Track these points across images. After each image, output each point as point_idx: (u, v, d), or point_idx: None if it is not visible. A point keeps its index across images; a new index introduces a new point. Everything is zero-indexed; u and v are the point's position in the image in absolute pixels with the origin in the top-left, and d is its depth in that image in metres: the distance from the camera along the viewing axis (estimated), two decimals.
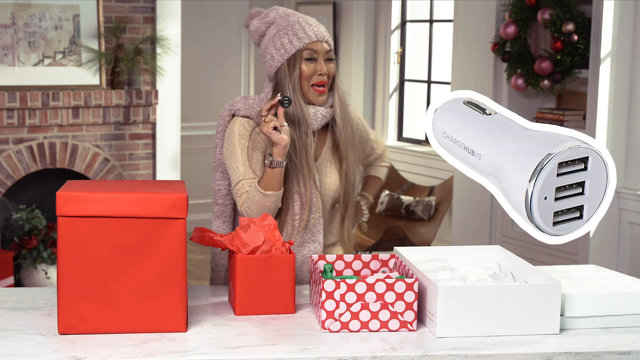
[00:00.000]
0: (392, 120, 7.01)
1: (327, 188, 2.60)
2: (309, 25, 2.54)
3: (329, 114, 2.59)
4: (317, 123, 2.58)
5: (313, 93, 2.56)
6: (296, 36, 2.53)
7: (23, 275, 5.54)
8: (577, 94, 5.15)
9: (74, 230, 2.01)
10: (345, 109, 2.63)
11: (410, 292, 2.07)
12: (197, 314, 2.20)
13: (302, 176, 2.54)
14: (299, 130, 2.53)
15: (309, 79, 2.54)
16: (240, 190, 2.51)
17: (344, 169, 2.62)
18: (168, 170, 5.97)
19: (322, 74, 2.53)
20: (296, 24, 2.54)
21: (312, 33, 2.53)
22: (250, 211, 2.49)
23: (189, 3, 7.02)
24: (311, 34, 2.52)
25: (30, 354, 1.90)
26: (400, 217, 6.05)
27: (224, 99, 7.50)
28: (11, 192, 5.61)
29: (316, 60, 2.54)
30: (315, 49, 2.53)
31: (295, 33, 2.53)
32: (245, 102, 2.58)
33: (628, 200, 4.73)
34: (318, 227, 2.58)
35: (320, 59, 2.54)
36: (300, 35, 2.52)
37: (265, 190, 2.45)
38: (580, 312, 2.12)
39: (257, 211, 2.48)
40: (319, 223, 2.58)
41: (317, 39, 2.53)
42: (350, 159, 2.63)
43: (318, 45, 2.54)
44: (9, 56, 5.42)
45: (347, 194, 2.64)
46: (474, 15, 5.59)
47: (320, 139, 2.63)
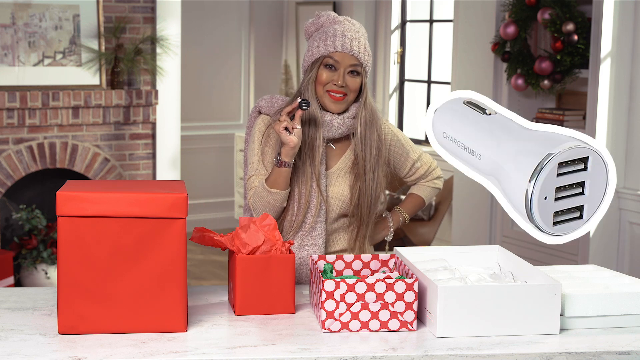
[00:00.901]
0: (392, 121, 7.01)
1: (333, 197, 2.60)
2: (343, 35, 2.54)
3: (348, 126, 2.59)
4: (332, 131, 2.58)
5: (328, 98, 2.56)
6: (325, 42, 2.54)
7: (23, 275, 5.54)
8: (577, 94, 5.15)
9: (74, 230, 2.01)
10: (371, 128, 2.60)
11: (410, 292, 2.07)
12: (197, 314, 2.20)
13: (305, 178, 2.55)
14: (309, 133, 2.55)
15: (324, 85, 2.55)
16: (250, 185, 2.57)
17: (358, 184, 2.60)
18: (168, 170, 5.97)
19: (337, 84, 2.53)
20: (332, 31, 2.55)
21: (340, 44, 2.53)
22: (255, 206, 2.53)
23: (189, 3, 7.02)
24: (338, 44, 2.53)
25: (30, 354, 1.90)
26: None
27: (224, 99, 7.51)
28: (11, 192, 5.61)
29: (337, 70, 2.54)
30: (337, 59, 2.53)
31: (326, 40, 2.54)
32: (270, 101, 2.64)
33: (628, 200, 4.73)
34: (319, 231, 2.58)
35: (341, 70, 2.53)
36: (329, 42, 2.53)
37: (271, 187, 2.49)
38: (580, 312, 2.12)
39: (262, 207, 2.52)
40: (321, 228, 2.58)
41: (342, 50, 2.53)
42: (369, 177, 2.61)
43: (342, 56, 2.53)
44: (9, 56, 5.42)
45: (362, 211, 2.62)
46: (474, 15, 5.59)
47: (340, 148, 2.64)
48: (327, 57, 2.54)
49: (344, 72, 2.54)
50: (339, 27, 2.56)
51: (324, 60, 2.55)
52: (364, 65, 2.57)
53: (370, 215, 2.64)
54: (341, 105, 2.56)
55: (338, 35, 2.54)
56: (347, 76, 2.54)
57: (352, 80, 2.55)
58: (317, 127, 2.56)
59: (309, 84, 2.57)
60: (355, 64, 2.54)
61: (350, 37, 2.54)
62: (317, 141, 2.56)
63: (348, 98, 2.56)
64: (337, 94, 2.55)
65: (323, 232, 2.59)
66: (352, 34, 2.55)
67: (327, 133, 2.58)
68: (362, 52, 2.55)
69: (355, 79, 2.56)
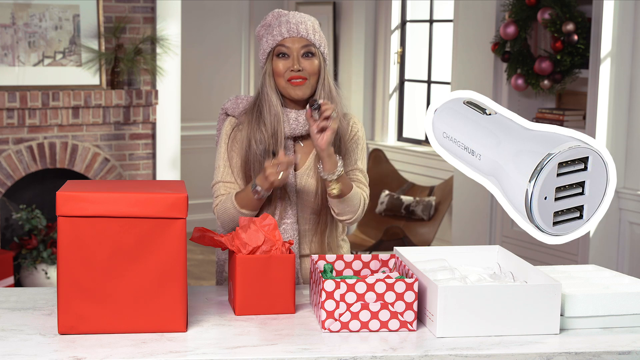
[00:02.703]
0: (392, 120, 7.01)
1: (304, 198, 2.54)
2: (287, 22, 2.48)
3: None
4: (299, 128, 2.51)
5: (291, 87, 2.48)
6: (271, 35, 2.50)
7: (23, 275, 5.54)
8: (577, 94, 5.15)
9: (74, 230, 2.01)
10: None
11: (410, 292, 2.07)
12: (197, 314, 2.20)
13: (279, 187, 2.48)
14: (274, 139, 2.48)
15: (282, 75, 2.49)
16: (216, 192, 2.54)
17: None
18: (168, 170, 5.97)
19: (294, 69, 2.46)
20: (277, 23, 2.50)
21: (286, 29, 2.47)
22: (221, 218, 2.50)
23: (189, 3, 7.02)
24: (284, 31, 2.48)
25: (30, 354, 1.90)
26: (400, 217, 6.05)
27: (224, 99, 7.49)
28: (11, 192, 5.61)
29: (289, 56, 2.47)
30: (288, 45, 2.47)
31: (271, 32, 2.50)
32: (235, 102, 2.59)
33: (628, 200, 4.73)
34: (290, 233, 2.53)
35: (294, 55, 2.47)
36: (275, 33, 2.49)
37: (240, 207, 2.46)
38: (580, 312, 2.12)
39: (227, 220, 2.49)
40: (293, 229, 2.53)
41: (289, 35, 2.47)
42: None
43: (291, 41, 2.47)
44: (9, 56, 5.42)
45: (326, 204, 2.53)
46: (474, 15, 5.59)
47: (308, 146, 2.56)
48: (277, 46, 2.48)
49: (298, 56, 2.47)
50: (283, 17, 2.51)
51: (275, 50, 2.49)
52: (317, 45, 2.49)
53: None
54: (304, 89, 2.48)
55: (283, 24, 2.48)
56: (302, 59, 2.47)
57: (307, 63, 2.47)
58: (279, 121, 2.49)
59: (268, 79, 2.50)
60: (306, 45, 2.47)
61: (296, 22, 2.48)
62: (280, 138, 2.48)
63: (309, 82, 2.48)
64: (296, 79, 2.47)
65: (296, 236, 2.54)
66: (297, 18, 2.49)
67: (294, 130, 2.52)
68: (312, 33, 2.48)
69: (312, 61, 2.48)
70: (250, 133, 2.51)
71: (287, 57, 2.48)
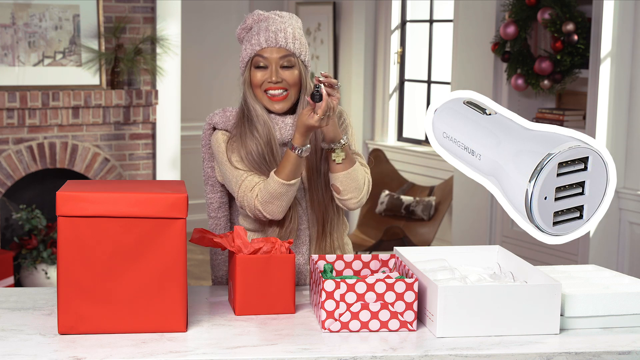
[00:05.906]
0: (392, 120, 7.01)
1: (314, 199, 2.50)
2: (266, 30, 2.40)
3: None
4: (287, 134, 2.45)
5: (267, 100, 2.43)
6: (249, 43, 2.43)
7: (23, 275, 5.54)
8: (577, 94, 5.15)
9: (74, 230, 2.01)
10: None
11: (410, 292, 2.07)
12: (197, 314, 2.20)
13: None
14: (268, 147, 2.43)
15: (260, 86, 2.42)
16: (247, 187, 2.40)
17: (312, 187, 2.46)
18: (168, 170, 5.97)
19: (271, 81, 2.40)
20: (257, 29, 2.43)
21: (264, 39, 2.40)
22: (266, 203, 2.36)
23: (189, 3, 7.02)
24: (262, 40, 2.40)
25: (30, 354, 1.90)
26: (400, 217, 6.05)
27: (224, 99, 7.50)
28: (11, 192, 5.61)
29: (267, 67, 2.41)
30: (266, 56, 2.40)
31: (250, 40, 2.43)
32: (224, 115, 2.50)
33: (628, 200, 4.73)
34: (303, 238, 2.51)
35: (272, 66, 2.40)
36: (254, 42, 2.42)
37: (286, 180, 2.33)
38: (580, 312, 2.12)
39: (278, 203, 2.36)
40: (304, 235, 2.51)
41: (267, 45, 2.40)
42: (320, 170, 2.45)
43: (269, 52, 2.40)
44: (9, 56, 5.42)
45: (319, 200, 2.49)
46: (474, 15, 5.59)
47: None
48: (255, 56, 2.41)
49: (276, 68, 2.39)
50: (263, 23, 2.43)
51: (253, 61, 2.42)
52: (297, 54, 2.42)
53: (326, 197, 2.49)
54: (283, 104, 2.43)
55: (262, 31, 2.40)
56: (280, 71, 2.40)
57: (287, 74, 2.40)
58: (270, 130, 2.43)
59: (247, 89, 2.44)
60: (285, 55, 2.40)
61: (275, 30, 2.39)
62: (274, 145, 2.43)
63: (290, 94, 2.42)
64: (275, 90, 2.41)
65: (307, 239, 2.52)
66: (276, 26, 2.40)
67: (284, 137, 2.46)
68: (291, 42, 2.40)
69: (292, 71, 2.41)
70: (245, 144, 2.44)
71: (265, 69, 2.42)
